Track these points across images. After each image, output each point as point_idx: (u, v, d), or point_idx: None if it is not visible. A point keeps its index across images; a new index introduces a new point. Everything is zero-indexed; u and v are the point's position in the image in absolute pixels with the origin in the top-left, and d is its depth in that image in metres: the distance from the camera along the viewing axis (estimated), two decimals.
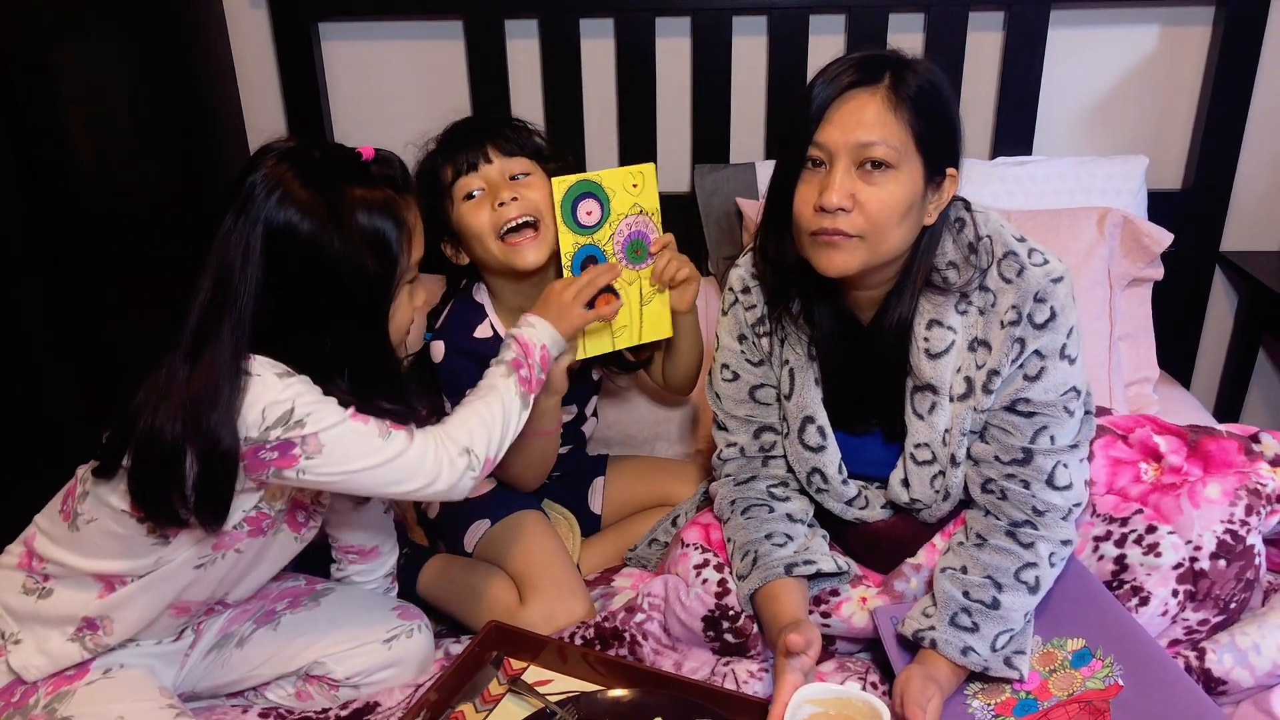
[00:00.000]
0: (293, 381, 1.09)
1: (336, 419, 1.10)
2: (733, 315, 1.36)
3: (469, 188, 1.44)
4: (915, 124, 1.14)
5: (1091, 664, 1.16)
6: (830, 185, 1.14)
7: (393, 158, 1.18)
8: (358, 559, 1.41)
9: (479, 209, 1.43)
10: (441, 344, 1.49)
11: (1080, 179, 1.89)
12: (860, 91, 1.15)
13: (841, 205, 1.14)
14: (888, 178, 1.14)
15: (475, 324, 1.51)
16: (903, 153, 1.14)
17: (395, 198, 1.13)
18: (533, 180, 1.45)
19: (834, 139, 1.14)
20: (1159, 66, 1.94)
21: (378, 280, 1.12)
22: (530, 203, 1.42)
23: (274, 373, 1.09)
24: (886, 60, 1.17)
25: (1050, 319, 1.19)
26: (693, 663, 1.30)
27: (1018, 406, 1.21)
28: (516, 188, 1.43)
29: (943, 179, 1.19)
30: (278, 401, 1.07)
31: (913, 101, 1.14)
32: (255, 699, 1.32)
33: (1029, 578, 1.19)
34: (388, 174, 1.15)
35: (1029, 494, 1.21)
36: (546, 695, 1.23)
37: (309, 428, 1.08)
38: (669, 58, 1.95)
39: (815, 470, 1.32)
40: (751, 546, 1.29)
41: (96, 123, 1.58)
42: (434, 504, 1.60)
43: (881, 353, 1.26)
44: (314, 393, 1.10)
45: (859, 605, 1.29)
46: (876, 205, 1.14)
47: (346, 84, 2.03)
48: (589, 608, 1.42)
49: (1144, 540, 1.23)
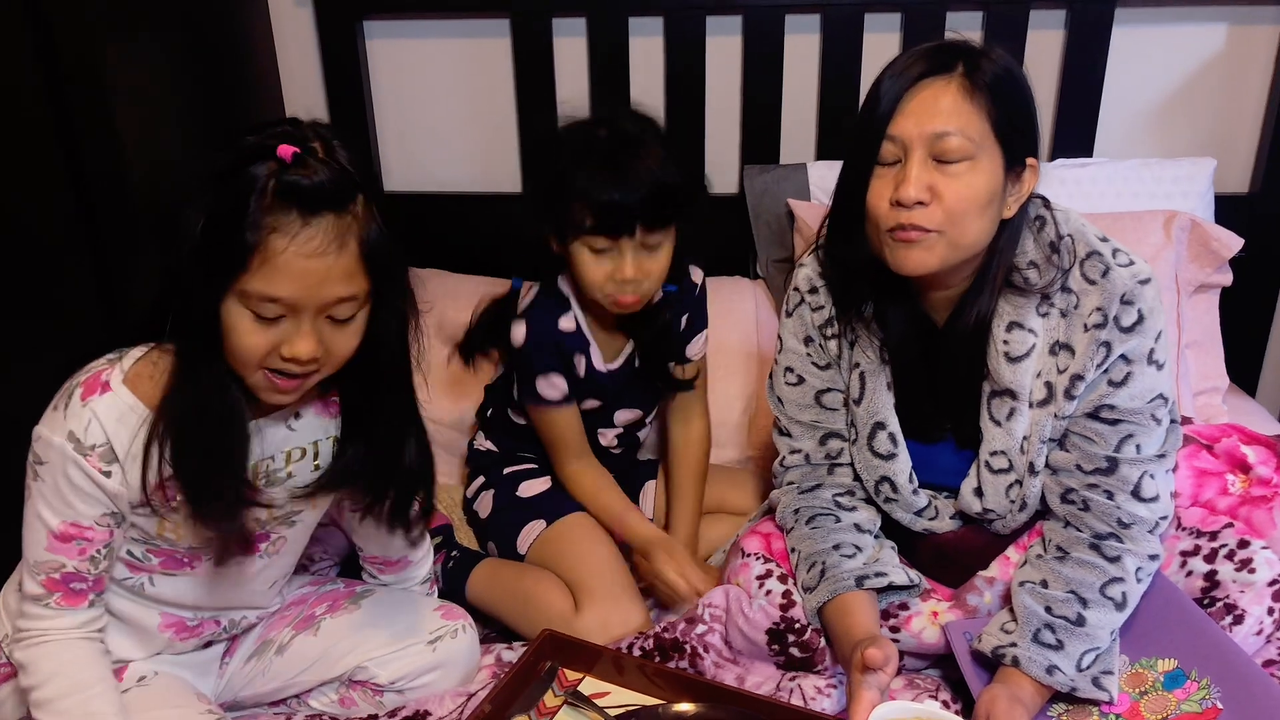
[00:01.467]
0: (86, 412, 1.00)
1: (38, 510, 1.03)
2: (798, 316, 1.31)
3: (599, 245, 1.34)
4: (993, 112, 1.10)
5: (1186, 686, 1.10)
6: (907, 178, 1.09)
7: (317, 170, 0.96)
8: (384, 569, 1.35)
9: (598, 267, 1.35)
10: (524, 325, 1.44)
11: (1144, 181, 1.84)
12: (934, 81, 1.10)
13: (920, 199, 1.09)
14: (966, 169, 1.09)
15: (559, 313, 1.46)
16: (980, 143, 1.09)
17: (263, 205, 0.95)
18: (660, 252, 1.36)
19: (908, 130, 1.10)
20: (1226, 66, 1.89)
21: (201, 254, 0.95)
22: (650, 284, 1.37)
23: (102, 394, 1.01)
24: (959, 49, 1.12)
25: (1138, 322, 1.14)
26: (756, 677, 1.25)
27: (1102, 413, 1.16)
28: (644, 265, 1.35)
29: (1023, 169, 1.14)
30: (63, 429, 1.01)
31: (989, 89, 1.09)
32: (299, 707, 1.28)
33: (1115, 593, 1.13)
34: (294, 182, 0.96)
35: (1113, 505, 1.15)
36: (604, 708, 1.18)
37: (33, 478, 1.03)
38: (719, 56, 1.91)
39: (885, 479, 1.26)
40: (819, 557, 1.24)
41: (144, 122, 1.57)
42: (484, 501, 1.56)
43: (958, 355, 1.20)
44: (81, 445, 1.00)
45: (930, 620, 1.24)
46: (955, 198, 1.09)
47: (390, 83, 2.01)
48: (645, 618, 1.37)
49: (1236, 555, 1.17)
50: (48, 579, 1.05)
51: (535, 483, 1.55)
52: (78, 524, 1.04)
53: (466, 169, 2.07)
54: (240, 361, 1.00)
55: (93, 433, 1.01)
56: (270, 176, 0.95)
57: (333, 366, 1.04)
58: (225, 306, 0.98)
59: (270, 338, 0.98)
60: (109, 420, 1.01)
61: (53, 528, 1.03)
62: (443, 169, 2.07)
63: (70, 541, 1.04)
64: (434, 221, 2.05)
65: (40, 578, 1.05)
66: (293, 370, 1.00)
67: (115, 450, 1.02)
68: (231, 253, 0.95)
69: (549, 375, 1.45)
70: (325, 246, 0.96)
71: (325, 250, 0.96)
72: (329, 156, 0.98)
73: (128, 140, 1.51)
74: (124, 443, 1.02)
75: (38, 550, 1.04)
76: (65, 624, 1.06)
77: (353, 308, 1.01)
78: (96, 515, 1.04)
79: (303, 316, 0.98)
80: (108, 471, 1.02)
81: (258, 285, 0.95)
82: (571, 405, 1.49)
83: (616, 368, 1.51)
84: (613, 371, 1.50)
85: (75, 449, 1.01)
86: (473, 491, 1.61)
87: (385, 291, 1.03)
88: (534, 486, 1.55)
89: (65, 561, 1.04)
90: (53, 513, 1.03)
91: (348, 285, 0.99)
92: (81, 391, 1.02)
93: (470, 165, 2.07)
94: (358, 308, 1.02)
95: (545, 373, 1.44)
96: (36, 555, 1.05)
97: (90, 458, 1.01)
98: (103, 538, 1.05)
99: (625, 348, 1.51)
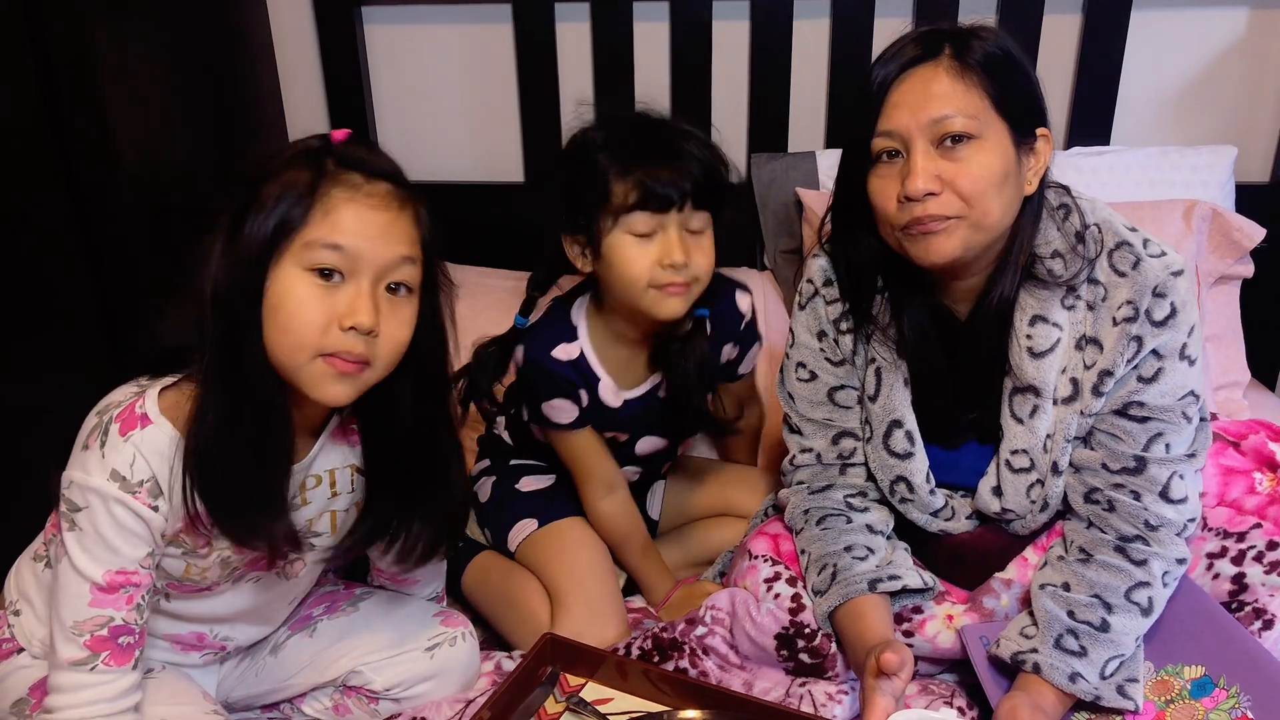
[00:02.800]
0: (119, 458, 0.95)
1: (76, 564, 0.96)
2: (811, 310, 1.26)
3: (643, 228, 1.26)
4: (990, 88, 1.05)
5: (1215, 694, 1.06)
6: (912, 171, 1.05)
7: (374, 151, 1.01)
8: (393, 583, 1.31)
9: (643, 254, 1.25)
10: (521, 350, 1.38)
11: (1163, 170, 1.79)
12: (922, 67, 1.06)
13: (929, 189, 1.05)
14: (973, 149, 1.05)
15: (559, 341, 1.36)
16: (983, 120, 1.05)
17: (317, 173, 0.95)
18: (704, 241, 1.28)
19: (903, 122, 1.06)
20: (1248, 52, 1.83)
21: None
22: (697, 269, 1.27)
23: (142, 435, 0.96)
24: (944, 32, 1.08)
25: (1171, 316, 1.09)
26: (764, 683, 1.21)
27: (1130, 411, 1.12)
28: (689, 249, 1.26)
29: (1034, 141, 1.10)
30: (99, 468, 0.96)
31: (981, 67, 1.05)
32: (291, 713, 1.25)
33: (1141, 598, 1.09)
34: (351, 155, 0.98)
35: (1140, 506, 1.11)
36: (607, 715, 1.14)
37: (68, 529, 0.96)
38: (726, 41, 1.87)
39: (900, 479, 1.22)
40: (830, 560, 1.20)
41: (136, 106, 1.53)
42: (484, 486, 1.52)
43: (979, 349, 1.16)
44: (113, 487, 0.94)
45: (945, 623, 1.19)
46: (968, 181, 1.05)
47: (389, 69, 1.97)
48: (623, 632, 1.33)
49: (1265, 558, 1.13)
50: (94, 638, 0.97)
51: (537, 479, 1.51)
52: (124, 570, 0.97)
53: (467, 158, 2.03)
54: (296, 343, 0.94)
55: (139, 468, 0.95)
56: (328, 156, 0.96)
57: (385, 361, 0.99)
58: (278, 277, 0.93)
59: (328, 307, 0.94)
60: (153, 454, 0.96)
61: (96, 580, 0.96)
62: (443, 158, 2.03)
63: (117, 591, 0.97)
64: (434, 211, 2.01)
65: (84, 639, 0.97)
66: (354, 348, 0.94)
67: (160, 484, 0.96)
68: (294, 206, 0.93)
69: (552, 401, 1.37)
70: (387, 202, 0.96)
71: (388, 205, 0.96)
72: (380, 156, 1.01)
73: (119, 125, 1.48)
74: (166, 475, 0.97)
75: (78, 608, 0.96)
76: (110, 692, 0.98)
77: (412, 275, 0.99)
78: (141, 557, 0.98)
79: (362, 280, 0.95)
80: (155, 506, 0.97)
81: (320, 233, 0.93)
82: (587, 428, 1.40)
83: (637, 396, 1.40)
84: (630, 402, 1.40)
85: (121, 488, 0.95)
86: (476, 471, 1.56)
87: (432, 288, 1.02)
88: (535, 483, 1.50)
89: (114, 615, 0.97)
90: (96, 564, 0.96)
91: (408, 246, 0.98)
92: (119, 427, 0.96)
93: (471, 154, 2.03)
94: (415, 281, 0.99)
95: (551, 398, 1.37)
96: (77, 614, 0.96)
97: (139, 494, 0.95)
98: (147, 582, 0.99)
99: (648, 377, 1.41)
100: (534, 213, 1.61)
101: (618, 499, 1.43)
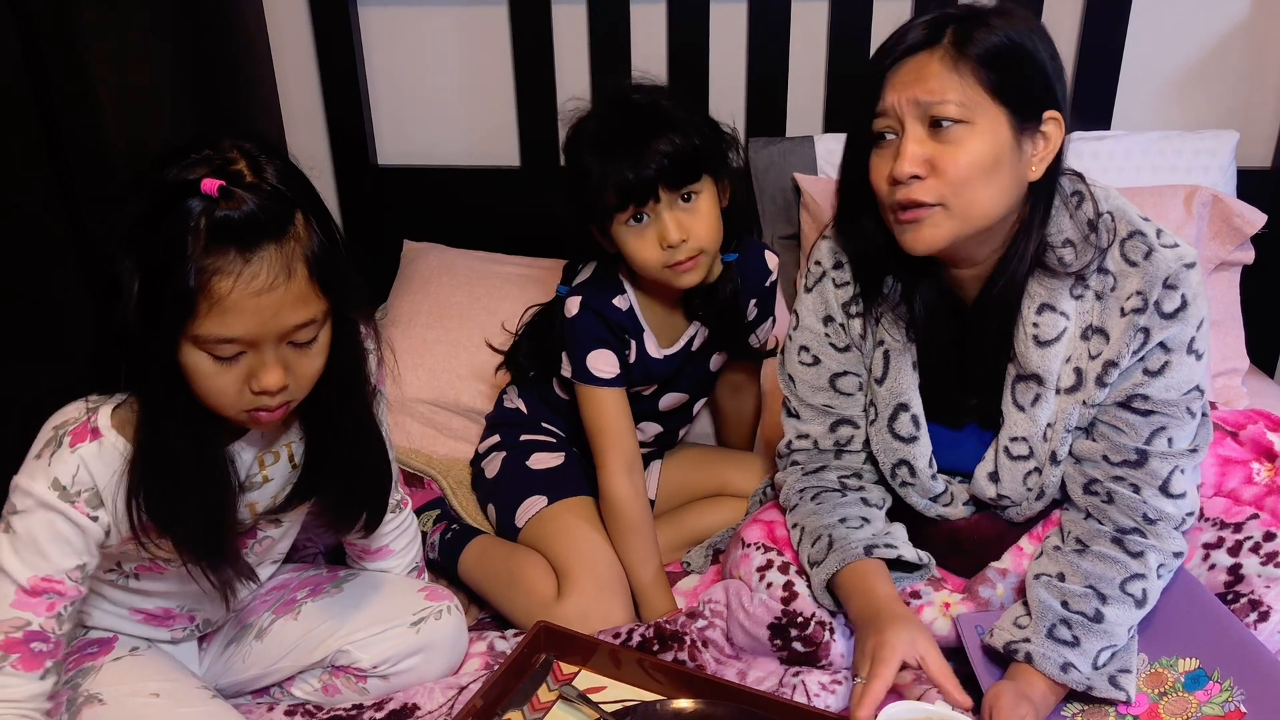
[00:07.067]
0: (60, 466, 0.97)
1: (4, 564, 0.98)
2: (818, 293, 1.25)
3: (634, 219, 1.32)
4: (988, 77, 1.04)
5: (1208, 687, 1.05)
6: (902, 153, 1.05)
7: (246, 200, 0.91)
8: (364, 556, 1.31)
9: (645, 242, 1.32)
10: (578, 299, 1.41)
11: (1164, 155, 1.77)
12: (920, 54, 1.06)
13: (914, 172, 1.04)
14: (962, 133, 1.04)
15: (614, 294, 1.42)
16: (975, 106, 1.04)
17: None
18: (700, 206, 1.32)
19: (896, 103, 1.05)
20: (1251, 35, 1.81)
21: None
22: (698, 240, 1.31)
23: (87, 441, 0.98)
24: (950, 17, 1.07)
25: (1180, 308, 1.08)
26: (758, 673, 1.21)
27: (1134, 403, 1.11)
28: (684, 221, 1.30)
29: (1040, 125, 1.08)
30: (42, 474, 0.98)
31: (979, 58, 1.04)
32: (281, 696, 1.25)
33: (1136, 590, 1.08)
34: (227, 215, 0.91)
35: (1139, 499, 1.10)
36: (600, 704, 1.14)
37: (4, 530, 0.99)
38: (723, 25, 1.85)
39: (903, 462, 1.21)
40: (825, 530, 1.19)
41: (126, 90, 1.51)
42: (494, 461, 1.53)
43: (985, 335, 1.15)
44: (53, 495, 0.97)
45: (941, 611, 1.19)
46: (953, 165, 1.04)
47: (384, 52, 1.95)
48: (628, 614, 1.33)
49: (1261, 548, 1.13)
50: (7, 639, 0.98)
51: (548, 456, 1.51)
52: (50, 578, 0.99)
53: (463, 142, 2.01)
54: (216, 405, 0.98)
55: (80, 479, 0.98)
56: (201, 215, 0.90)
57: (304, 390, 1.02)
58: (183, 353, 0.95)
59: (236, 375, 0.96)
60: (97, 465, 0.98)
61: (21, 582, 0.98)
62: (438, 142, 2.01)
63: (40, 596, 0.99)
64: (429, 196, 2.00)
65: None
66: (269, 403, 0.98)
67: (102, 495, 0.99)
68: (177, 301, 0.91)
69: (602, 350, 1.40)
70: (273, 280, 0.92)
71: (274, 284, 0.92)
72: (257, 177, 0.93)
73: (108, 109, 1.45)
74: (110, 485, 0.99)
75: (0, 607, 0.98)
76: (14, 694, 0.98)
77: (313, 330, 0.98)
78: (70, 568, 1.00)
79: (264, 348, 0.95)
80: (95, 516, 0.99)
81: (210, 329, 0.92)
82: (621, 389, 1.42)
83: (674, 352, 1.47)
84: (670, 356, 1.46)
85: (60, 496, 0.97)
86: (485, 448, 1.56)
87: (343, 306, 1.01)
88: (546, 460, 1.50)
89: (31, 619, 0.99)
90: (24, 566, 0.98)
91: (304, 310, 0.96)
92: (70, 439, 0.98)
93: (466, 138, 2.01)
94: (318, 329, 0.99)
95: (598, 347, 1.40)
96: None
97: (77, 504, 0.98)
98: (72, 593, 1.01)
99: (685, 332, 1.47)
100: (530, 197, 1.60)
101: (635, 481, 1.42)
